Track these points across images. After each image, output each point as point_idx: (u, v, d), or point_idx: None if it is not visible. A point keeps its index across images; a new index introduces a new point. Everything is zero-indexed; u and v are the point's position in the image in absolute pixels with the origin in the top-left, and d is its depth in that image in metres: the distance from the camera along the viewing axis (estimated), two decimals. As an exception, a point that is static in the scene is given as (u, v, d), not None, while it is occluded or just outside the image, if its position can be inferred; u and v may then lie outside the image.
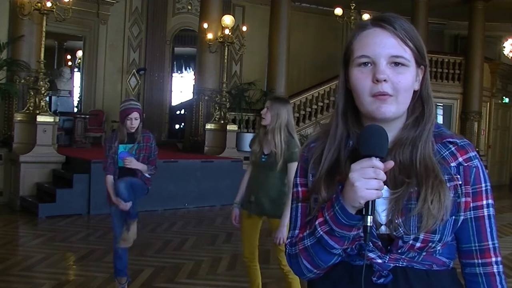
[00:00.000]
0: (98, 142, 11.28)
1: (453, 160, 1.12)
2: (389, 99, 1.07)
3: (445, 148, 1.13)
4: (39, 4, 7.52)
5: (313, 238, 1.10)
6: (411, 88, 1.10)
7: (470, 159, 1.12)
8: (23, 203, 7.47)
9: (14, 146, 7.90)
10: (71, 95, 13.02)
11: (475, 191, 1.12)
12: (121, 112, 3.85)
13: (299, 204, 1.21)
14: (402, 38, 1.08)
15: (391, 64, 1.07)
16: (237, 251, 5.73)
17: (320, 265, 1.12)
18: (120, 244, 3.92)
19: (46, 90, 8.02)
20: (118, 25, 12.61)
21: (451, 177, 1.10)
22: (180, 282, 4.46)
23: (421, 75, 1.13)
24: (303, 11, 14.20)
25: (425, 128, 1.12)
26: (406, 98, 1.10)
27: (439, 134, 1.15)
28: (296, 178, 1.23)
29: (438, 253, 1.12)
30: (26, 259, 4.94)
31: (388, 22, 1.09)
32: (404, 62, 1.08)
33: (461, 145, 1.13)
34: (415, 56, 1.10)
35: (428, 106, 1.14)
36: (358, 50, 1.10)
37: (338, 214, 1.04)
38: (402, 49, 1.08)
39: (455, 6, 13.22)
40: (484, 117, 13.34)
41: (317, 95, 11.98)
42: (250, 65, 13.52)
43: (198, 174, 8.33)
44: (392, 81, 1.07)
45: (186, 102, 12.85)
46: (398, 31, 1.08)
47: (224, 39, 9.91)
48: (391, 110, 1.08)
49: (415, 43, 1.10)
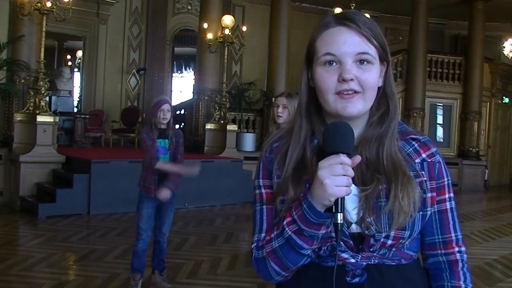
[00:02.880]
0: (98, 142, 11.28)
1: (417, 156, 1.14)
2: (355, 96, 1.07)
3: (408, 144, 1.15)
4: (39, 4, 7.52)
5: (282, 239, 1.07)
6: (376, 85, 1.11)
7: (432, 155, 1.16)
8: (23, 203, 7.47)
9: (14, 146, 7.90)
10: (71, 95, 13.03)
11: (439, 186, 1.15)
12: (153, 106, 3.96)
13: (263, 207, 1.17)
14: (367, 36, 1.07)
15: (357, 62, 1.07)
16: (237, 251, 5.74)
17: (289, 267, 1.10)
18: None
19: (46, 90, 8.03)
20: (118, 25, 12.61)
21: (416, 174, 1.12)
22: (180, 282, 4.46)
23: (383, 71, 1.13)
24: (303, 11, 14.19)
25: (390, 125, 1.13)
26: (372, 95, 1.10)
27: (401, 131, 1.16)
28: (259, 180, 1.20)
29: (406, 248, 1.14)
30: (26, 259, 4.93)
31: (352, 20, 1.08)
32: (369, 59, 1.08)
33: (423, 142, 1.16)
34: (379, 53, 1.10)
35: (393, 103, 1.14)
36: (322, 48, 1.09)
37: (306, 213, 1.02)
38: (367, 46, 1.07)
39: (455, 6, 13.21)
40: (484, 117, 13.34)
41: (317, 95, 11.97)
42: (250, 65, 13.52)
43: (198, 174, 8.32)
44: (359, 79, 1.06)
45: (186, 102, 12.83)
46: (362, 29, 1.07)
47: (224, 39, 9.92)
48: (358, 108, 1.08)
49: (378, 40, 1.09)
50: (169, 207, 4.09)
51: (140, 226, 3.99)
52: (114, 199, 7.20)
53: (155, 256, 4.16)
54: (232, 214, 7.88)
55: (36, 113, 7.71)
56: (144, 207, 3.98)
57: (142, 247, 4.01)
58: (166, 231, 4.13)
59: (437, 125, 13.26)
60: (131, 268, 4.07)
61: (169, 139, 4.00)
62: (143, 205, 3.99)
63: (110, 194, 7.25)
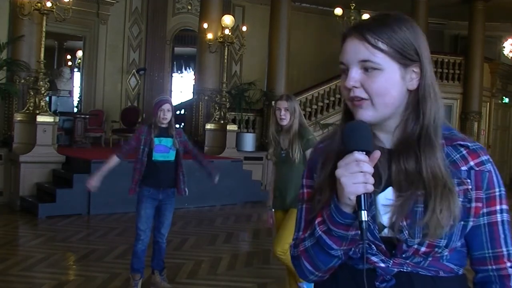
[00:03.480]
0: (98, 142, 11.28)
1: (464, 163, 1.09)
2: (364, 103, 1.08)
3: (455, 151, 1.10)
4: (39, 4, 7.52)
5: (313, 239, 1.09)
6: (388, 91, 1.07)
7: (482, 163, 1.10)
8: (23, 203, 7.47)
9: (14, 146, 7.90)
10: (71, 95, 13.02)
11: (488, 196, 1.09)
12: (154, 105, 4.00)
13: (303, 206, 1.21)
14: (372, 43, 1.06)
15: (364, 69, 1.07)
16: (237, 251, 5.74)
17: (320, 267, 1.11)
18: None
19: (46, 90, 8.02)
20: (118, 25, 12.60)
21: (460, 181, 1.07)
22: (180, 282, 4.46)
23: (414, 75, 1.09)
24: (303, 11, 14.19)
25: (423, 129, 1.09)
26: (385, 102, 1.07)
27: (449, 137, 1.12)
28: (303, 180, 1.23)
29: (446, 259, 1.09)
30: (26, 259, 4.93)
31: (358, 27, 1.10)
32: (373, 66, 1.06)
33: (473, 149, 1.10)
34: (393, 58, 1.07)
35: (423, 105, 1.10)
36: (340, 57, 1.13)
37: (333, 213, 1.04)
38: (371, 53, 1.06)
39: (455, 6, 13.21)
40: (484, 117, 13.34)
41: (317, 95, 11.98)
42: (250, 65, 13.51)
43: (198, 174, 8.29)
44: (364, 86, 1.07)
45: (186, 102, 12.84)
46: (367, 36, 1.07)
47: (224, 39, 9.91)
48: (369, 114, 1.08)
49: (393, 44, 1.07)
50: (168, 208, 4.09)
51: (138, 227, 4.00)
52: (114, 199, 7.19)
53: (155, 256, 4.16)
54: (232, 214, 7.88)
55: (36, 113, 7.71)
56: (143, 207, 3.98)
57: (141, 247, 4.02)
58: (165, 232, 4.13)
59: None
60: (131, 268, 4.08)
61: (174, 138, 4.01)
62: (141, 205, 3.99)
63: (110, 194, 7.23)
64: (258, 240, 6.48)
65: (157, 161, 3.97)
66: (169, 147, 4.01)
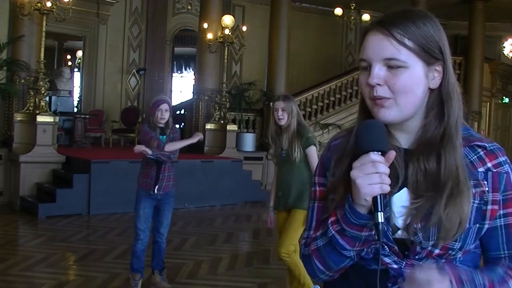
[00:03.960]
0: (98, 142, 11.28)
1: (481, 165, 1.07)
2: (387, 102, 1.04)
3: (473, 152, 1.08)
4: (39, 4, 7.51)
5: (325, 238, 1.08)
6: (412, 89, 1.04)
7: (500, 165, 1.07)
8: (23, 203, 7.47)
9: (14, 146, 7.90)
10: (71, 95, 13.02)
11: (506, 198, 1.06)
12: (152, 105, 4.00)
13: (315, 204, 1.19)
14: (397, 39, 1.03)
15: (388, 66, 1.04)
16: (237, 251, 5.74)
17: (332, 267, 1.10)
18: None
19: (46, 90, 8.02)
20: (118, 25, 12.60)
21: (477, 183, 1.05)
22: (180, 282, 4.46)
23: (436, 73, 1.07)
24: (303, 11, 14.19)
25: (447, 130, 1.06)
26: (409, 100, 1.05)
27: (467, 137, 1.09)
28: (315, 177, 1.21)
29: (459, 261, 1.08)
30: (26, 259, 4.93)
31: (383, 22, 1.05)
32: (398, 64, 1.03)
33: (490, 150, 1.08)
34: (418, 55, 1.04)
35: (448, 105, 1.07)
36: (360, 54, 1.08)
37: (348, 213, 1.02)
38: (396, 50, 1.03)
39: (455, 6, 13.21)
40: (484, 117, 13.35)
41: (317, 95, 11.98)
42: (250, 65, 13.51)
43: (198, 174, 8.34)
44: (388, 84, 1.04)
45: (186, 102, 12.84)
46: (393, 31, 1.03)
47: (224, 39, 9.91)
48: (391, 114, 1.05)
49: (418, 41, 1.04)
50: (167, 207, 4.09)
51: (138, 226, 4.00)
52: (114, 199, 7.19)
53: (154, 256, 4.16)
54: (232, 214, 7.88)
55: (36, 113, 7.71)
56: (142, 207, 3.98)
57: (141, 247, 4.02)
58: (165, 232, 4.12)
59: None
60: (131, 268, 4.08)
61: (167, 136, 4.03)
62: (140, 204, 3.99)
63: (110, 194, 7.25)
64: (258, 240, 6.48)
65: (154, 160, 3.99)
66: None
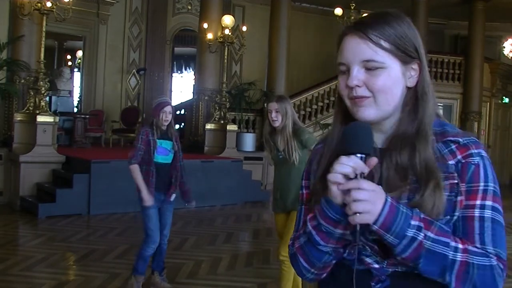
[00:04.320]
0: (98, 142, 11.28)
1: (452, 158, 1.07)
2: (366, 101, 1.07)
3: (445, 147, 1.09)
4: (39, 4, 7.52)
5: (305, 235, 1.11)
6: (391, 88, 1.08)
7: (470, 156, 1.07)
8: (23, 203, 7.47)
9: (14, 146, 7.90)
10: (71, 95, 13.01)
11: (469, 189, 1.05)
12: (156, 106, 3.97)
13: (302, 207, 1.22)
14: (374, 41, 1.06)
15: (366, 68, 1.07)
16: (237, 251, 5.74)
17: (315, 263, 1.12)
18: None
19: (46, 90, 8.02)
20: (118, 25, 12.60)
21: (447, 176, 1.05)
22: (180, 282, 4.46)
23: (413, 72, 1.10)
24: (303, 11, 14.19)
25: (420, 126, 1.08)
26: (387, 100, 1.08)
27: (441, 133, 1.10)
28: (302, 181, 1.24)
29: None
30: (26, 259, 4.94)
31: (359, 25, 1.08)
32: (376, 65, 1.06)
33: (464, 143, 1.08)
34: (395, 55, 1.07)
35: (424, 102, 1.10)
36: (338, 58, 1.12)
37: (325, 207, 1.04)
38: (373, 52, 1.06)
39: (455, 6, 13.21)
40: (484, 117, 13.34)
41: (317, 95, 11.99)
42: (250, 65, 13.52)
43: (198, 174, 8.33)
44: (367, 85, 1.07)
45: (186, 102, 12.84)
46: (369, 34, 1.06)
47: (224, 39, 9.91)
48: (371, 113, 1.08)
49: (394, 41, 1.07)
50: (169, 208, 4.09)
51: (149, 227, 3.92)
52: (114, 199, 7.19)
53: (156, 258, 4.14)
54: (232, 214, 7.88)
55: (36, 113, 7.71)
56: (151, 207, 3.92)
57: (152, 251, 3.96)
58: (168, 233, 4.12)
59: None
60: (135, 270, 4.00)
61: (173, 140, 4.02)
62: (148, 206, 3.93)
63: (110, 194, 7.25)
64: (258, 240, 6.48)
65: (158, 163, 3.95)
66: (168, 150, 4.01)
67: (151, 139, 3.91)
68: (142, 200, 3.93)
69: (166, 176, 4.01)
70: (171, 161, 4.05)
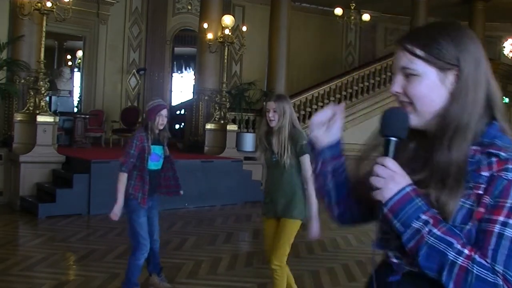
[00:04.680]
0: (98, 142, 11.28)
1: (487, 169, 1.05)
2: (408, 108, 1.15)
3: (486, 158, 1.06)
4: (39, 4, 7.52)
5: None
6: (426, 95, 1.13)
7: (505, 170, 1.03)
8: (23, 203, 7.47)
9: (14, 146, 7.90)
10: (71, 95, 13.02)
11: (496, 204, 1.02)
12: (152, 109, 3.77)
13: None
14: (409, 50, 1.14)
15: (405, 75, 1.15)
16: (237, 251, 5.74)
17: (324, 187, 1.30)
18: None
19: (46, 90, 8.02)
20: (118, 25, 12.61)
21: (475, 185, 1.04)
22: (180, 282, 4.46)
23: (454, 78, 1.12)
24: (303, 11, 14.19)
25: (454, 129, 1.09)
26: (425, 106, 1.13)
27: (488, 144, 1.08)
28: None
29: None
30: (26, 259, 4.93)
31: (402, 36, 1.19)
32: (412, 72, 1.13)
33: (504, 158, 1.04)
34: (431, 63, 1.12)
35: (455, 107, 1.11)
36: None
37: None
38: (408, 60, 1.14)
39: (455, 6, 13.21)
40: (484, 117, 13.32)
41: (317, 95, 11.98)
42: (250, 65, 13.52)
43: (198, 174, 8.33)
44: (405, 91, 1.15)
45: (186, 102, 12.84)
46: (405, 43, 1.15)
47: (224, 39, 9.91)
48: (413, 119, 1.14)
49: (430, 50, 1.12)
50: (155, 213, 3.99)
51: (141, 235, 3.77)
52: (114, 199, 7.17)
53: (151, 261, 4.04)
54: (232, 214, 7.88)
55: (36, 113, 7.71)
56: (140, 215, 3.80)
57: (143, 259, 3.83)
58: (157, 237, 4.02)
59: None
60: (130, 282, 3.81)
61: (164, 145, 3.90)
62: (138, 213, 3.81)
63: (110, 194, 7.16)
64: (258, 240, 6.48)
65: (150, 170, 3.81)
66: (159, 155, 3.88)
67: (145, 145, 3.74)
68: (133, 209, 3.81)
69: (155, 182, 3.89)
70: (161, 167, 3.92)
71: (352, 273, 4.90)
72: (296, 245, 3.92)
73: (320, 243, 6.05)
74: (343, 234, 6.58)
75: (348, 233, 6.64)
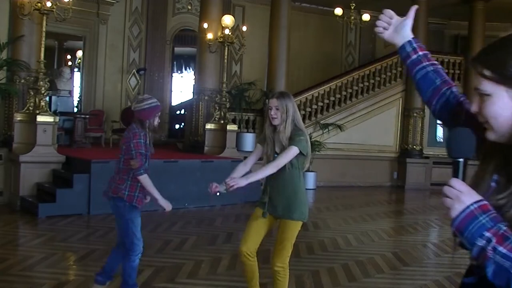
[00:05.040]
0: (98, 142, 11.28)
1: None
2: (486, 125, 1.20)
3: None
4: (39, 4, 7.51)
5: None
6: (499, 114, 1.16)
7: None
8: (23, 203, 7.47)
9: (14, 146, 7.90)
10: (71, 95, 13.03)
11: None
12: (151, 108, 3.67)
13: None
14: (478, 71, 1.18)
15: (479, 95, 1.20)
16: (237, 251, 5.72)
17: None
18: None
19: (46, 90, 8.01)
20: (118, 25, 12.61)
21: None
22: (180, 282, 4.46)
23: None
24: (303, 11, 14.19)
25: None
26: (500, 124, 1.17)
27: None
28: None
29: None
30: (26, 259, 4.94)
31: (471, 57, 1.23)
32: (483, 93, 1.18)
33: None
34: (499, 82, 1.15)
35: None
36: None
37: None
38: (478, 81, 1.19)
39: (455, 6, 13.21)
40: (484, 117, 13.33)
41: (317, 95, 11.99)
42: (250, 65, 13.52)
43: (198, 174, 8.32)
44: (480, 111, 1.21)
45: (186, 102, 12.84)
46: (475, 65, 1.19)
47: (224, 39, 9.91)
48: (492, 136, 1.20)
49: (498, 70, 1.15)
50: None
51: (137, 236, 3.74)
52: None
53: (106, 270, 3.95)
54: (232, 214, 7.88)
55: (36, 113, 7.71)
56: (136, 216, 3.78)
57: (138, 259, 3.79)
58: None
59: (437, 125, 13.26)
60: (129, 285, 3.78)
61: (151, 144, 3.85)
62: (135, 213, 3.80)
63: (110, 194, 7.23)
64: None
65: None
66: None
67: (147, 143, 3.71)
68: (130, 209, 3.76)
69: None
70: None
71: (352, 273, 4.90)
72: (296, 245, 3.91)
73: (320, 243, 6.06)
74: (343, 234, 6.59)
75: (348, 233, 6.64)
